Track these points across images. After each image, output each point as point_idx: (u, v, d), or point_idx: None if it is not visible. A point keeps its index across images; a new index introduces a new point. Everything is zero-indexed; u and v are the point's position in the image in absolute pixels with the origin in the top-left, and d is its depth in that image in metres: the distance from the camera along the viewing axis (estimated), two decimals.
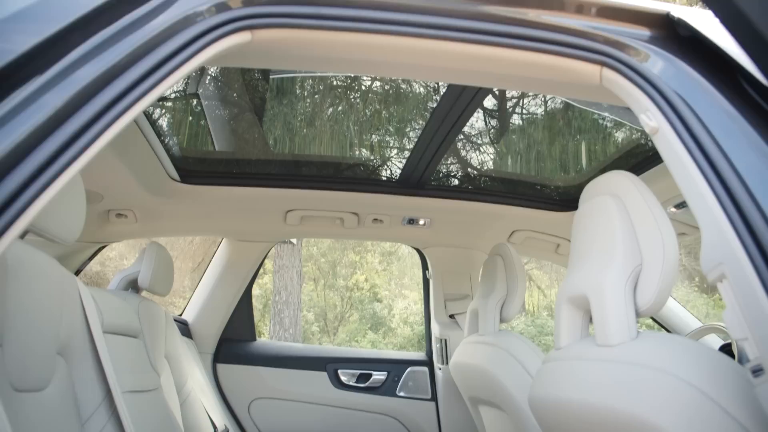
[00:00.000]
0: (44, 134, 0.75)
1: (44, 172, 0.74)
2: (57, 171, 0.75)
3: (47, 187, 0.74)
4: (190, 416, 2.25)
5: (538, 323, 11.57)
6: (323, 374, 2.91)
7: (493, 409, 2.19)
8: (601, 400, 1.13)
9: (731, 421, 0.96)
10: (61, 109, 0.77)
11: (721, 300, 3.02)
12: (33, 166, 0.73)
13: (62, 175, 0.75)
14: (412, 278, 13.13)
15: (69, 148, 0.77)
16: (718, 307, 10.40)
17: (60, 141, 0.76)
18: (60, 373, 1.28)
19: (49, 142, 0.75)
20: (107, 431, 1.39)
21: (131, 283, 2.19)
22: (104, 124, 0.81)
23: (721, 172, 0.97)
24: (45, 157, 0.74)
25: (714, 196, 0.96)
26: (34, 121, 0.73)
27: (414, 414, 2.89)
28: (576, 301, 1.34)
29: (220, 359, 2.90)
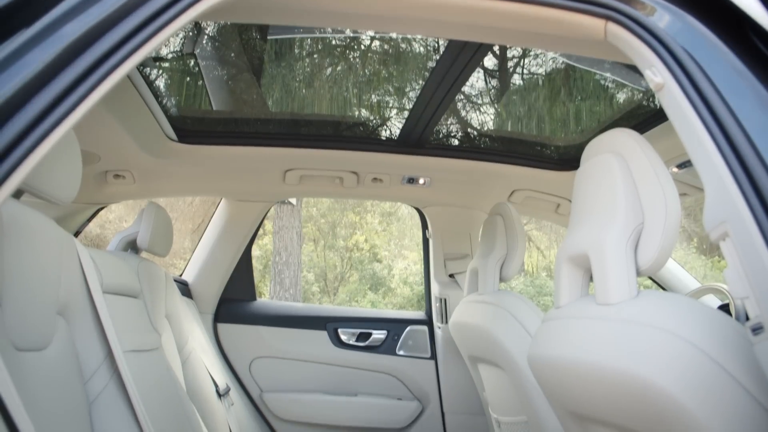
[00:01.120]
0: (34, 90, 0.73)
1: (35, 128, 0.72)
2: (49, 127, 0.73)
3: (40, 143, 0.72)
4: (191, 375, 2.27)
5: (537, 284, 11.65)
6: (323, 333, 2.93)
7: (492, 367, 2.20)
8: (600, 358, 1.13)
9: (729, 379, 0.96)
10: (50, 65, 0.75)
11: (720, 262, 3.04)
12: (24, 122, 0.71)
13: (54, 132, 0.73)
14: (411, 239, 13.16)
15: (60, 104, 0.75)
16: (716, 269, 10.46)
17: (50, 97, 0.74)
18: (60, 332, 1.28)
19: (40, 97, 0.73)
20: (109, 390, 1.39)
21: (130, 243, 2.19)
22: (95, 80, 0.79)
23: (727, 129, 0.95)
24: (35, 113, 0.72)
25: (719, 153, 0.95)
26: (23, 76, 0.71)
27: (413, 372, 2.91)
28: (576, 259, 1.33)
29: (221, 319, 2.91)
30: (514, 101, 2.63)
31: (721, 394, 0.96)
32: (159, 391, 1.64)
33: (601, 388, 1.16)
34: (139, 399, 1.41)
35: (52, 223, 1.34)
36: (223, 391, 2.48)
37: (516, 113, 2.65)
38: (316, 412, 2.85)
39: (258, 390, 2.87)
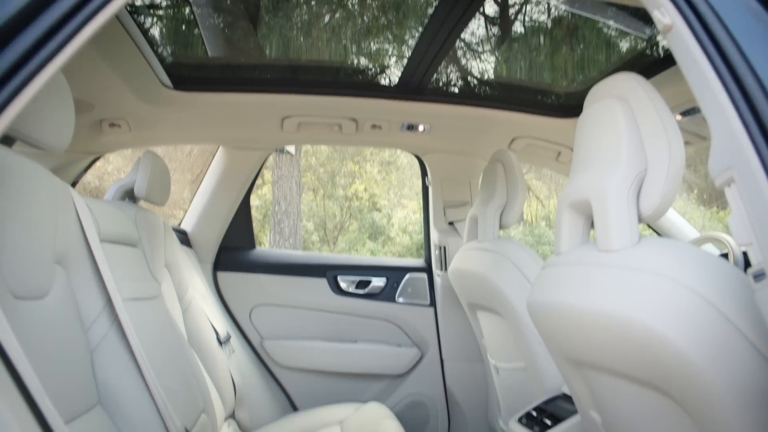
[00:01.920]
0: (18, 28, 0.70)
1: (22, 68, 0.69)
2: (35, 67, 0.70)
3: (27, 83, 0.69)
4: (192, 323, 2.29)
5: (536, 233, 11.69)
6: (323, 281, 2.94)
7: (490, 314, 2.22)
8: (601, 304, 1.13)
9: (729, 326, 0.96)
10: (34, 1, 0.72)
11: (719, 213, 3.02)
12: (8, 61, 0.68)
13: (42, 73, 0.71)
14: (411, 188, 13.14)
15: (46, 43, 0.72)
16: (715, 220, 10.48)
17: (35, 36, 0.71)
18: (59, 281, 1.28)
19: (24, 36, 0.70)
20: (110, 338, 1.40)
21: (127, 192, 2.17)
22: (82, 19, 0.76)
23: (738, 72, 0.92)
24: (20, 52, 0.69)
25: (728, 97, 0.92)
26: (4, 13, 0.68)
27: (412, 319, 2.94)
28: (577, 206, 1.32)
29: (220, 267, 2.92)
30: (515, 49, 2.58)
31: (721, 341, 0.96)
32: (160, 338, 1.65)
33: (601, 335, 1.16)
34: (139, 346, 1.42)
35: (46, 172, 1.32)
36: (223, 339, 2.51)
37: (517, 61, 2.60)
38: (316, 359, 2.88)
39: (258, 337, 2.89)
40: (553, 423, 1.76)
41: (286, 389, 2.91)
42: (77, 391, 1.22)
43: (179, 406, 1.51)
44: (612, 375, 1.27)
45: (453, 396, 2.88)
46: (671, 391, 1.08)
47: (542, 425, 1.79)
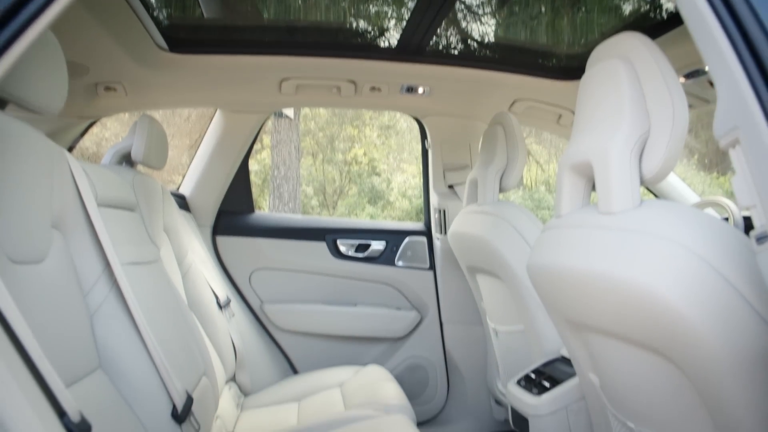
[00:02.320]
0: None
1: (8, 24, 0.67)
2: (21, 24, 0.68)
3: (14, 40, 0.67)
4: (191, 287, 2.29)
5: (535, 197, 11.68)
6: (322, 244, 2.94)
7: (490, 277, 2.22)
8: (601, 267, 1.12)
9: (729, 289, 0.96)
10: None
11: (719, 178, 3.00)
12: None
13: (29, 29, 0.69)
14: (410, 152, 13.08)
15: None
16: (715, 186, 10.45)
17: None
18: (57, 245, 1.27)
19: None
20: (109, 302, 1.40)
21: (125, 157, 2.15)
22: None
23: (747, 30, 0.90)
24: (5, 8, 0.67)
25: (736, 55, 0.90)
26: None
27: (412, 283, 2.95)
28: (579, 168, 1.31)
29: (219, 231, 2.92)
30: (516, 10, 2.53)
31: (721, 303, 0.96)
32: (159, 302, 1.64)
33: (601, 297, 1.16)
34: (139, 310, 1.42)
35: (41, 136, 1.30)
36: (223, 303, 2.51)
37: (518, 22, 2.55)
38: (316, 322, 2.90)
39: (258, 301, 2.90)
40: (551, 385, 1.78)
41: (286, 352, 2.93)
42: (77, 355, 1.22)
43: (180, 369, 1.52)
44: (611, 337, 1.27)
45: (452, 359, 2.90)
46: (670, 353, 1.08)
47: (541, 387, 1.80)
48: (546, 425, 1.75)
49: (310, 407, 2.24)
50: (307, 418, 2.11)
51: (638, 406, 1.30)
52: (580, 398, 1.71)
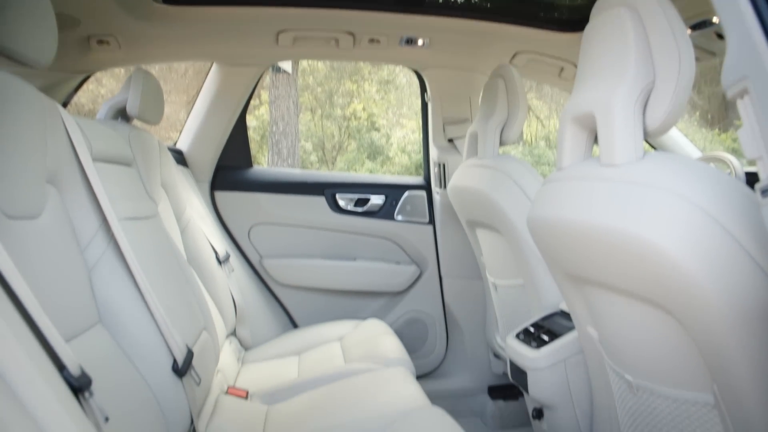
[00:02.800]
0: None
1: None
2: None
3: None
4: (190, 243, 2.28)
5: (535, 153, 11.63)
6: (321, 199, 2.93)
7: (490, 231, 2.21)
8: (603, 219, 1.11)
9: (733, 243, 0.95)
10: None
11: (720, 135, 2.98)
12: None
13: None
14: (410, 107, 12.97)
15: None
16: (717, 143, 10.39)
17: None
18: (52, 201, 1.26)
19: None
20: (107, 257, 1.39)
21: (120, 112, 2.12)
22: None
23: None
24: None
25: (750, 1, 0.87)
26: None
27: (411, 237, 2.94)
28: (581, 120, 1.28)
29: (218, 186, 2.90)
30: None
31: (724, 257, 0.95)
32: (158, 257, 1.64)
33: (602, 250, 1.15)
34: (137, 265, 1.41)
35: (32, 89, 1.28)
36: (222, 258, 2.51)
37: None
38: (316, 277, 2.91)
39: (257, 256, 2.90)
40: (550, 339, 1.79)
41: (285, 307, 2.95)
42: (76, 310, 1.22)
43: (180, 323, 1.52)
44: (611, 291, 1.27)
45: (451, 313, 2.92)
46: (670, 307, 1.08)
47: (539, 341, 1.81)
48: (544, 378, 1.77)
49: (310, 361, 2.26)
50: (307, 372, 2.13)
51: (636, 359, 1.31)
52: (579, 352, 1.72)
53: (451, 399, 2.79)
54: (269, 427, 1.73)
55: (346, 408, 1.71)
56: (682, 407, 1.21)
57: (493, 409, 2.75)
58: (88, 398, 0.89)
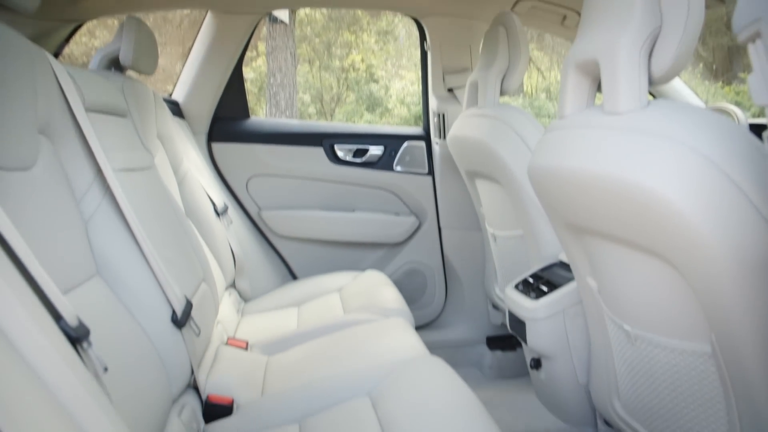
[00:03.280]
0: None
1: None
2: None
3: None
4: (188, 195, 2.27)
5: (535, 105, 11.53)
6: (319, 150, 2.90)
7: (489, 182, 2.20)
8: (605, 168, 1.10)
9: (737, 192, 0.93)
10: None
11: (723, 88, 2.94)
12: None
13: None
14: (409, 59, 12.81)
15: None
16: (720, 96, 10.28)
17: None
18: (45, 152, 1.24)
19: None
20: (103, 208, 1.38)
21: (112, 62, 2.07)
22: None
23: None
24: None
25: None
26: None
27: (410, 188, 2.93)
28: (584, 67, 1.25)
29: (215, 138, 2.87)
30: None
31: (727, 206, 0.94)
32: (155, 209, 1.63)
33: (603, 199, 1.14)
34: (134, 217, 1.40)
35: (20, 37, 1.24)
36: (221, 210, 2.50)
37: None
38: (315, 228, 2.90)
39: (256, 208, 2.89)
40: (549, 289, 1.79)
41: (285, 259, 2.95)
42: (73, 262, 1.21)
43: (178, 275, 1.52)
44: (611, 241, 1.26)
45: (450, 264, 2.93)
46: (671, 257, 1.07)
47: (538, 291, 1.81)
48: (543, 328, 1.78)
49: (310, 312, 2.27)
50: (306, 322, 2.14)
51: (635, 309, 1.31)
52: (578, 302, 1.72)
53: (450, 349, 2.81)
54: (269, 376, 1.74)
55: (346, 357, 1.72)
56: (680, 357, 1.21)
57: (491, 359, 2.78)
58: (86, 348, 0.89)
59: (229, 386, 1.60)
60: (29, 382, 0.60)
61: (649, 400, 1.38)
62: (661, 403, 1.33)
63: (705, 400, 1.19)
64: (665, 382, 1.29)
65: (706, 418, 1.20)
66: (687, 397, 1.24)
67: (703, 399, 1.19)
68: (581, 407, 1.81)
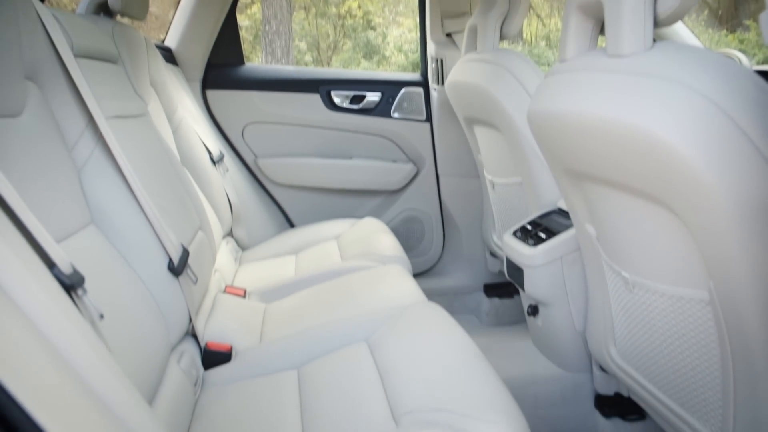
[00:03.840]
0: None
1: None
2: None
3: None
4: (183, 143, 2.24)
5: (535, 53, 11.38)
6: (316, 96, 2.86)
7: (488, 129, 2.17)
8: (608, 112, 1.07)
9: (742, 136, 0.91)
10: None
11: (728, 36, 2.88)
12: None
13: None
14: (406, 5, 12.58)
15: None
16: (723, 44, 10.11)
17: None
18: (34, 98, 1.21)
19: None
20: (96, 156, 1.36)
21: (101, 6, 2.00)
22: None
23: None
24: None
25: None
26: None
27: (408, 135, 2.89)
28: (587, 7, 1.22)
29: (209, 85, 2.82)
30: None
31: (731, 150, 0.92)
32: (149, 157, 1.60)
33: (604, 143, 1.12)
34: (128, 165, 1.38)
35: None
36: (216, 158, 2.48)
37: None
38: (311, 176, 2.88)
39: (252, 156, 2.87)
40: (547, 236, 1.78)
41: (282, 207, 2.94)
42: (67, 211, 1.20)
43: (174, 223, 1.51)
44: (611, 187, 1.24)
45: (448, 211, 2.92)
46: (672, 202, 1.06)
47: (536, 238, 1.81)
48: (541, 275, 1.78)
49: (307, 259, 2.28)
50: (304, 270, 2.14)
51: (634, 256, 1.30)
52: (576, 249, 1.72)
53: (447, 297, 2.83)
54: (267, 323, 1.75)
55: (343, 304, 1.73)
56: (677, 304, 1.21)
57: (489, 306, 2.80)
58: (81, 296, 0.88)
59: (227, 333, 1.61)
60: (23, 328, 0.59)
61: (644, 346, 1.39)
62: (656, 349, 1.34)
63: (700, 347, 1.19)
64: (662, 329, 1.29)
65: (700, 364, 1.20)
66: (682, 343, 1.24)
67: (698, 346, 1.20)
68: (577, 353, 1.82)
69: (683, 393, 1.29)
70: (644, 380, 1.43)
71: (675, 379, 1.30)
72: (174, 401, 1.25)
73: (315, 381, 1.34)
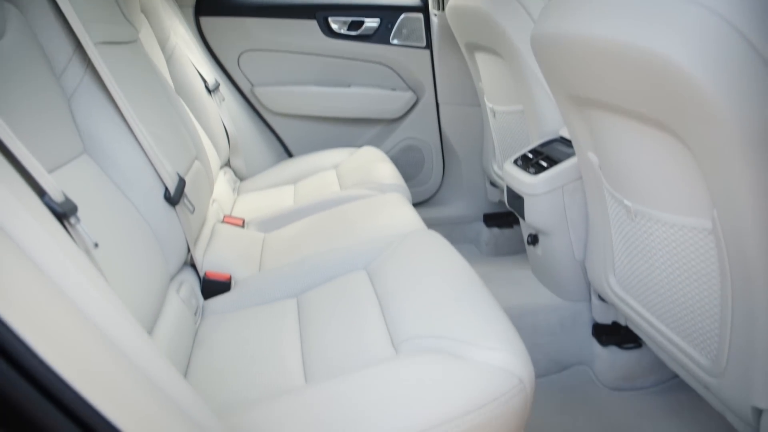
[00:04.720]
0: None
1: None
2: None
3: None
4: (177, 72, 2.19)
5: None
6: (313, 22, 2.78)
7: (489, 55, 2.12)
8: (614, 32, 1.03)
9: (754, 55, 0.87)
10: None
11: None
12: None
13: None
14: None
15: None
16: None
17: None
18: (15, 21, 1.16)
19: None
20: (86, 84, 1.32)
21: None
22: None
23: None
24: None
25: None
26: None
27: (408, 62, 2.83)
28: None
29: (203, 11, 2.73)
30: None
31: (742, 72, 0.89)
32: (141, 85, 1.56)
33: (611, 67, 1.08)
34: (119, 92, 1.34)
35: None
36: (212, 87, 2.43)
37: None
38: (309, 104, 2.83)
39: (248, 84, 2.81)
40: (548, 165, 1.76)
41: (279, 136, 2.91)
42: (57, 140, 1.17)
43: (169, 152, 1.48)
44: (616, 113, 1.21)
45: (448, 140, 2.88)
46: (680, 129, 1.03)
47: (538, 167, 1.78)
48: (541, 204, 1.76)
49: (306, 188, 2.26)
50: (303, 199, 2.13)
51: (637, 184, 1.28)
52: (577, 178, 1.70)
53: (447, 226, 2.83)
54: (266, 253, 1.75)
55: (342, 233, 1.72)
56: (679, 233, 1.20)
57: (488, 236, 2.80)
58: (74, 224, 0.87)
59: (226, 263, 1.61)
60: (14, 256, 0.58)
61: (644, 276, 1.39)
62: (656, 278, 1.34)
63: (700, 276, 1.18)
64: (662, 258, 1.29)
65: (699, 293, 1.20)
66: (683, 273, 1.24)
67: (699, 275, 1.19)
68: (576, 283, 1.83)
69: (681, 322, 1.29)
70: (642, 309, 1.44)
71: (673, 308, 1.30)
72: (174, 330, 1.26)
73: (314, 309, 1.34)
